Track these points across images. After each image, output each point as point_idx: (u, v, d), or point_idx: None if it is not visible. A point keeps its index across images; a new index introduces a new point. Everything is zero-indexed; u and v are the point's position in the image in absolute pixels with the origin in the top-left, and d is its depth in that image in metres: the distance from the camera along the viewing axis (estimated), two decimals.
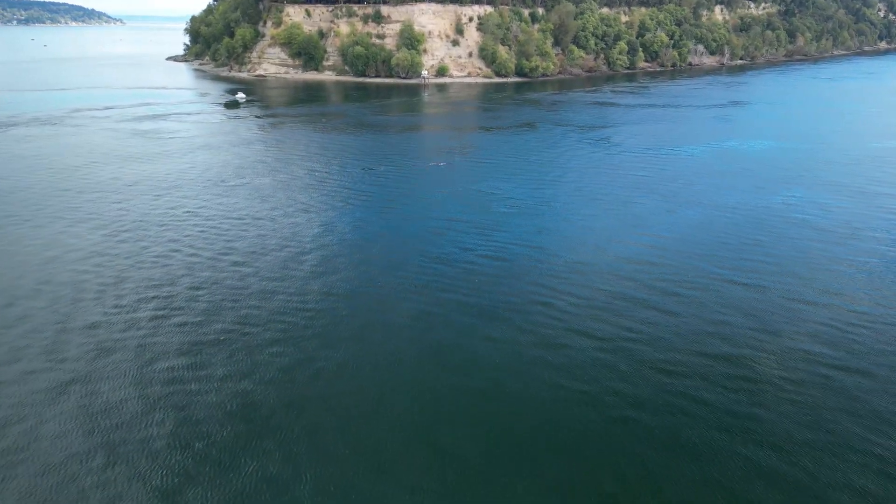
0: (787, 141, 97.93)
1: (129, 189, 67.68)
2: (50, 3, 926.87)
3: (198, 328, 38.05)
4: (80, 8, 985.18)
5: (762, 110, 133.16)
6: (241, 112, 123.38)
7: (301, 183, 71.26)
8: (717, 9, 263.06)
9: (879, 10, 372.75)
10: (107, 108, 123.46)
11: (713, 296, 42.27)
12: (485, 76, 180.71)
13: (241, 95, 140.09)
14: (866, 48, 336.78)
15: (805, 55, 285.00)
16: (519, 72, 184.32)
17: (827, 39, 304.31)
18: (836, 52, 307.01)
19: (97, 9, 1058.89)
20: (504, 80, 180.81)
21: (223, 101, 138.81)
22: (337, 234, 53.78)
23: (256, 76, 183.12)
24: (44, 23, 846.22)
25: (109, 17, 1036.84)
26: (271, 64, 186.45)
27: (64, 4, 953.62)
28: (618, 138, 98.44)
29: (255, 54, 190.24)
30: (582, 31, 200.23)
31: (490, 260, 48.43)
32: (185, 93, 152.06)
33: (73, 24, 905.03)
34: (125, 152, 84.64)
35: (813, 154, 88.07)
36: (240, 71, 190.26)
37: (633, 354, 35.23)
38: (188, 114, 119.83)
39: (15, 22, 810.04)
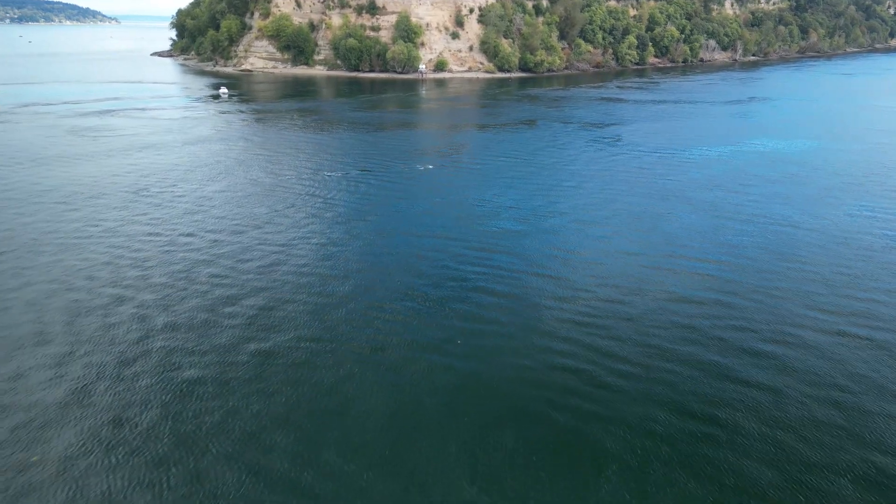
0: (827, 140, 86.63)
1: (30, 199, 54.80)
2: (44, 1, 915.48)
3: (73, 363, 26.66)
4: (74, 7, 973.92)
5: (787, 106, 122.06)
6: (213, 107, 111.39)
7: (259, 191, 58.75)
8: (728, 3, 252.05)
9: (889, 6, 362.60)
10: (64, 103, 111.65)
11: (823, 358, 30.37)
12: (486, 71, 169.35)
13: (223, 90, 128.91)
14: (878, 45, 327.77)
15: (818, 52, 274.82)
16: (523, 66, 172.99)
17: (840, 36, 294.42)
18: (848, 50, 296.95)
19: (92, 8, 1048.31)
20: (507, 75, 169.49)
21: (201, 95, 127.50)
22: (288, 263, 41.09)
23: (242, 71, 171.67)
24: (38, 21, 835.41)
25: (104, 15, 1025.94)
26: (258, 58, 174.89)
27: (58, 3, 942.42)
28: (633, 138, 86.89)
29: (241, 48, 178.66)
30: (589, 24, 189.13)
31: (488, 297, 36.93)
32: (161, 87, 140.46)
33: (68, 22, 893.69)
34: (44, 153, 71.79)
35: (865, 156, 76.75)
36: (225, 65, 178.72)
37: (720, 465, 23.79)
38: (151, 109, 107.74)
39: (8, 20, 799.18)
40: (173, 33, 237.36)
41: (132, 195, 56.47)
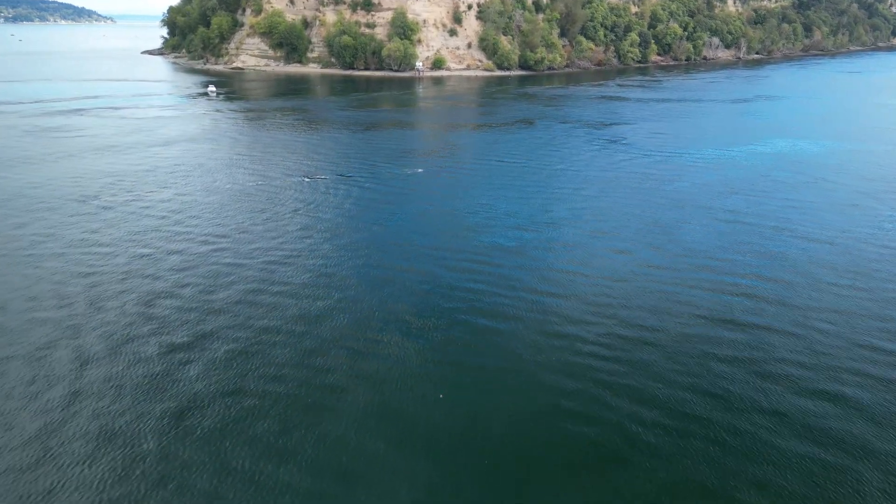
0: (847, 141, 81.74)
1: None
2: (39, 1, 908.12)
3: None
4: (69, 6, 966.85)
5: (798, 105, 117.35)
6: (194, 106, 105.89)
7: (219, 199, 52.25)
8: (731, 0, 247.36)
9: (891, 4, 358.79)
10: (35, 102, 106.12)
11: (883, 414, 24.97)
12: (485, 69, 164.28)
13: (211, 89, 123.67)
14: (880, 44, 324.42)
15: (821, 50, 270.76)
16: (523, 64, 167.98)
17: (843, 34, 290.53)
18: (851, 48, 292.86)
19: (87, 7, 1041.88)
20: (506, 73, 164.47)
21: (185, 94, 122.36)
22: (253, 279, 35.98)
23: (233, 69, 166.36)
24: (32, 21, 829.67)
25: (100, 15, 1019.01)
26: (250, 55, 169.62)
27: (53, 2, 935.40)
28: (639, 138, 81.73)
29: (232, 45, 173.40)
30: (590, 21, 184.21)
31: (483, 321, 31.95)
32: (145, 85, 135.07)
33: (63, 22, 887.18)
34: None
35: (891, 158, 71.91)
36: (216, 63, 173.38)
37: None
38: (125, 108, 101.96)
39: (2, 20, 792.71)
40: (165, 31, 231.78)
41: (75, 204, 50.46)
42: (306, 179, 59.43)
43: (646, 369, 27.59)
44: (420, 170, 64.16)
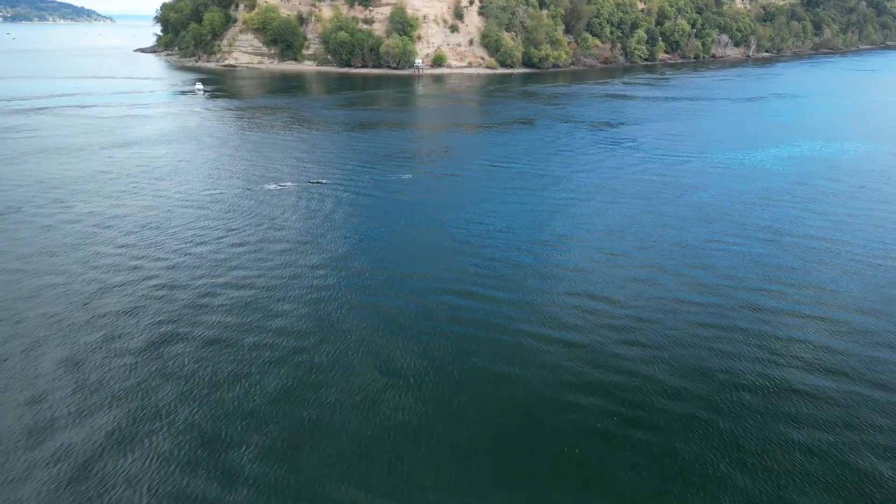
0: (888, 143, 75.18)
1: None
2: (38, 0, 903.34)
3: None
4: (68, 6, 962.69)
5: (818, 104, 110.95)
6: (172, 104, 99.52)
7: (167, 210, 45.14)
8: None
9: None
10: (1, 101, 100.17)
11: None
12: (488, 66, 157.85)
13: (198, 87, 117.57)
14: (889, 42, 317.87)
15: (831, 48, 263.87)
16: (526, 62, 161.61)
17: (853, 33, 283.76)
18: (861, 47, 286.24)
19: (87, 7, 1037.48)
20: (509, 70, 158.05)
21: (169, 91, 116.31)
22: (183, 319, 29.52)
23: (225, 66, 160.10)
24: (31, 20, 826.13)
25: (99, 14, 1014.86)
26: (243, 52, 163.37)
27: (52, 2, 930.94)
28: (651, 140, 75.09)
29: (225, 42, 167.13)
30: (596, 17, 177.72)
31: (476, 371, 26.02)
32: (130, 83, 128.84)
33: (62, 21, 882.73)
34: None
35: None
36: (208, 61, 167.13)
37: None
38: (94, 106, 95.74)
39: (1, 19, 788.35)
40: (159, 28, 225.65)
41: None
42: (271, 188, 52.26)
43: (692, 443, 21.25)
44: (408, 176, 57.27)
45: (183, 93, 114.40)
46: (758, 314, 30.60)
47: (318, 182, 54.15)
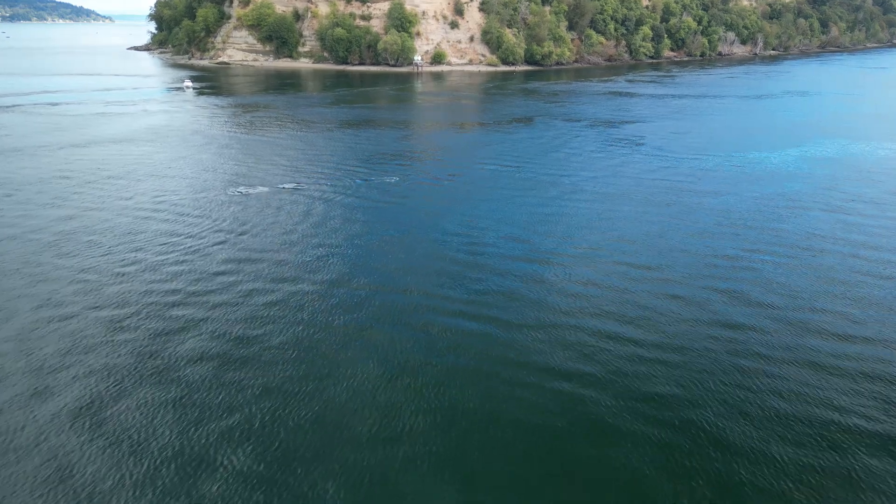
0: None
1: None
2: (37, 0, 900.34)
3: None
4: (67, 5, 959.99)
5: (837, 101, 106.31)
6: (151, 102, 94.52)
7: (117, 219, 40.14)
8: None
9: None
10: None
11: None
12: (489, 63, 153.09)
13: (187, 84, 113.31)
14: (895, 41, 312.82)
15: (838, 47, 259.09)
16: (529, 59, 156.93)
17: (860, 31, 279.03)
18: (868, 45, 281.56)
19: (86, 7, 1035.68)
20: (511, 68, 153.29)
21: (157, 89, 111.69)
22: (128, 349, 25.33)
23: (219, 63, 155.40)
24: (30, 20, 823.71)
25: (98, 14, 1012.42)
26: (237, 49, 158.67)
27: (51, 2, 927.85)
28: (661, 140, 70.26)
29: (218, 39, 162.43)
30: (600, 13, 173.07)
31: (473, 421, 21.39)
32: (117, 80, 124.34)
33: (61, 21, 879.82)
34: None
35: None
36: (201, 58, 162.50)
37: None
38: (65, 104, 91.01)
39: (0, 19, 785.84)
40: (153, 26, 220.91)
41: None
42: (237, 192, 46.91)
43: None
44: (394, 178, 52.05)
45: (169, 90, 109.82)
46: (809, 344, 25.91)
47: (283, 187, 48.57)
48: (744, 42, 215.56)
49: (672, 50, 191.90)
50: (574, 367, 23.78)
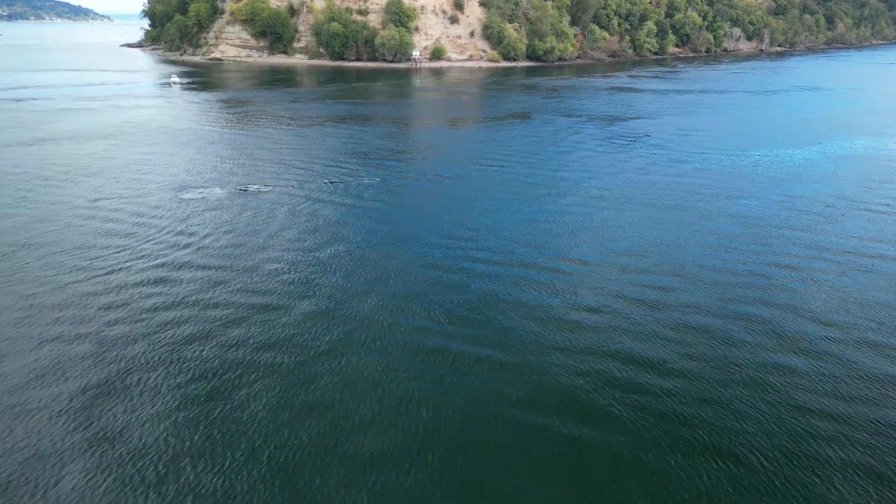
0: None
1: None
2: None
3: None
4: (66, 4, 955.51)
5: (851, 97, 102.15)
6: (133, 98, 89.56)
7: (53, 224, 35.74)
8: None
9: None
10: None
11: None
12: (490, 59, 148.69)
13: (174, 79, 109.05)
14: None
15: (844, 43, 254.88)
16: (531, 55, 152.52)
17: (866, 27, 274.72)
18: (874, 41, 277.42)
19: (84, 6, 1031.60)
20: (513, 63, 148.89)
21: (142, 84, 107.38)
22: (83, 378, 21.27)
23: (211, 59, 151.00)
24: (28, 19, 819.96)
25: (97, 13, 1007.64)
26: (231, 45, 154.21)
27: (49, 1, 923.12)
28: (669, 137, 65.66)
29: (211, 34, 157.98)
30: (603, 8, 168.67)
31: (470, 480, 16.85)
32: (102, 75, 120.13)
33: (59, 20, 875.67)
34: None
35: None
36: (193, 54, 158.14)
37: None
38: (35, 99, 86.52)
39: None
40: (146, 23, 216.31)
41: None
42: (192, 195, 42.24)
43: None
44: (374, 179, 47.28)
45: (155, 86, 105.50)
46: (874, 395, 21.60)
47: (244, 189, 43.81)
48: (749, 38, 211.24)
49: (677, 46, 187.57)
50: (578, 408, 19.48)
